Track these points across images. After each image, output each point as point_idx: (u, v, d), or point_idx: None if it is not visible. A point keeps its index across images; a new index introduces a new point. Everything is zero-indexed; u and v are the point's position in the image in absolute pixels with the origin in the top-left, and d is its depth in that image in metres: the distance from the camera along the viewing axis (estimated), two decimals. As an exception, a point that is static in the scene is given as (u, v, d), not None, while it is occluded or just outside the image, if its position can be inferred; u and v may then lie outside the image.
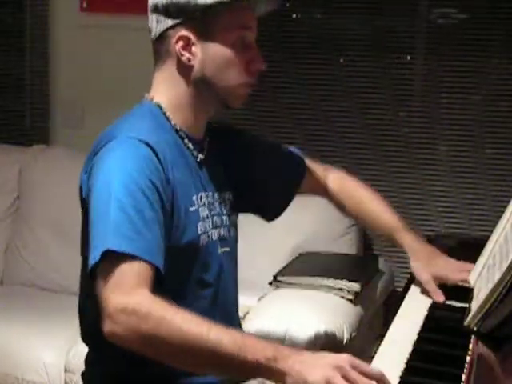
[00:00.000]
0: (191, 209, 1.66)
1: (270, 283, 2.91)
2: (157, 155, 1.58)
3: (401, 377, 1.45)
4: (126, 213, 1.49)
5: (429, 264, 1.90)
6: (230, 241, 1.79)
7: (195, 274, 1.67)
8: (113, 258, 1.45)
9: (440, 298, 1.83)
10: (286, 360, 1.36)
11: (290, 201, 2.02)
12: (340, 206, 2.09)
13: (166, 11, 1.64)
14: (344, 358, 1.36)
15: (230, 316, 1.77)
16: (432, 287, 1.86)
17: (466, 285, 1.80)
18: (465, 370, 1.46)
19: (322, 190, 2.07)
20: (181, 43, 1.65)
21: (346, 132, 3.49)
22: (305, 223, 3.20)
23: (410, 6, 3.39)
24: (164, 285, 1.50)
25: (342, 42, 3.46)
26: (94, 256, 1.46)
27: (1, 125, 3.92)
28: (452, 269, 1.88)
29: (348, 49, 3.47)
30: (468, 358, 1.50)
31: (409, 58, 3.42)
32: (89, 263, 1.48)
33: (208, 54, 1.65)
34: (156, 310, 1.41)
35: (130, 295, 1.42)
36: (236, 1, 1.63)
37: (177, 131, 1.69)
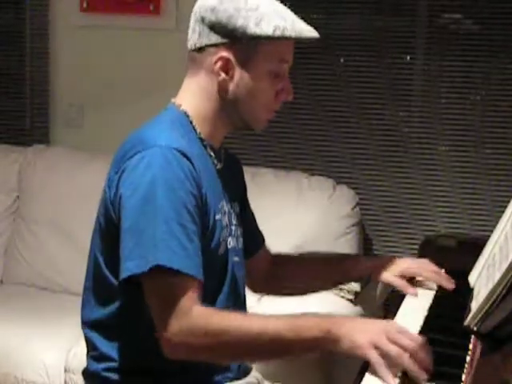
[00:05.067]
0: (217, 217, 1.69)
1: (270, 283, 2.90)
2: (193, 165, 1.61)
3: (401, 377, 1.45)
4: (171, 227, 1.53)
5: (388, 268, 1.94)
6: (239, 251, 1.82)
7: (213, 280, 1.70)
8: (162, 273, 1.52)
9: (411, 290, 1.88)
10: (339, 328, 1.48)
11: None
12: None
13: (212, 28, 1.67)
14: (391, 324, 1.51)
15: None
16: (400, 283, 1.90)
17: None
18: (465, 370, 1.46)
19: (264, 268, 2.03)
20: (220, 64, 1.67)
21: (346, 132, 3.49)
22: (305, 223, 3.20)
23: (410, 6, 3.39)
24: None
25: (341, 42, 3.46)
26: (139, 265, 1.52)
27: (1, 125, 3.92)
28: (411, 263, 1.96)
29: (348, 49, 3.47)
30: (468, 358, 1.50)
31: (409, 58, 3.43)
32: (126, 269, 1.53)
33: (243, 80, 1.68)
34: (211, 323, 1.52)
35: (186, 316, 1.52)
36: (284, 38, 1.66)
37: (201, 140, 1.72)
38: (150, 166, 1.57)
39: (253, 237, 1.98)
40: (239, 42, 1.65)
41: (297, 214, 3.24)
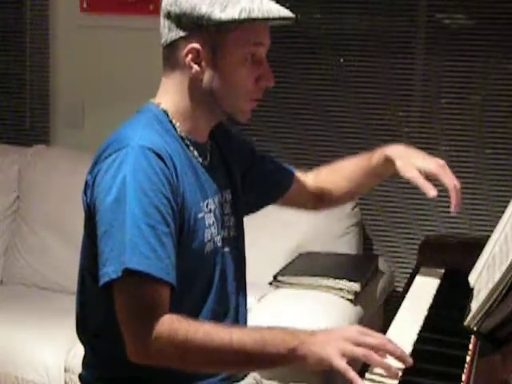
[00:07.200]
0: (199, 215, 1.66)
1: (270, 283, 2.91)
2: (167, 165, 1.58)
3: (401, 377, 1.45)
4: (141, 229, 1.51)
5: (410, 160, 1.87)
6: (234, 240, 1.80)
7: (200, 278, 1.69)
8: (131, 276, 1.50)
9: (431, 191, 1.81)
10: (303, 345, 1.49)
11: (268, 203, 2.02)
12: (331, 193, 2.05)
13: (178, 21, 1.63)
14: (352, 329, 1.51)
15: (236, 313, 1.79)
16: (420, 181, 1.83)
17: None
18: (465, 370, 1.46)
19: (309, 197, 2.04)
20: (191, 56, 1.63)
21: (346, 132, 3.49)
22: (305, 223, 3.20)
23: (410, 6, 3.39)
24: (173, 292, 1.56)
25: (341, 42, 3.46)
26: (115, 270, 1.50)
27: (1, 125, 3.92)
28: (430, 161, 1.88)
29: (348, 49, 3.47)
30: (468, 358, 1.50)
31: (409, 58, 3.42)
32: (104, 274, 1.52)
33: (217, 69, 1.64)
34: (178, 332, 1.51)
35: (152, 320, 1.51)
36: (251, 20, 1.60)
37: (182, 138, 1.68)
38: (122, 167, 1.55)
39: (279, 179, 1.96)
40: (206, 30, 1.60)
41: (297, 213, 3.23)
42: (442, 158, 3.55)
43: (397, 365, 1.46)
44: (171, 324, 1.51)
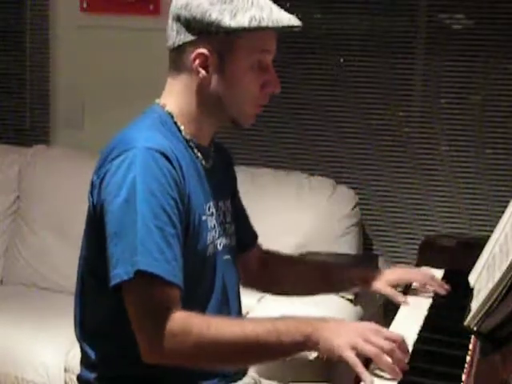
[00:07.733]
0: (203, 218, 1.68)
1: (270, 283, 2.90)
2: (174, 167, 1.59)
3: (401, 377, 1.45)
4: (151, 231, 1.52)
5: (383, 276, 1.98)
6: (232, 249, 1.81)
7: (203, 281, 1.70)
8: (141, 278, 1.51)
9: (401, 299, 1.91)
10: (317, 331, 1.50)
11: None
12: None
13: (187, 25, 1.64)
14: (367, 325, 1.52)
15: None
16: (390, 291, 1.94)
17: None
18: (465, 370, 1.46)
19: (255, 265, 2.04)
20: (198, 61, 1.64)
21: (346, 132, 3.49)
22: (305, 223, 3.20)
23: (410, 6, 3.39)
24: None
25: (342, 42, 3.47)
26: (126, 271, 1.51)
27: (1, 125, 3.92)
28: (400, 272, 2.02)
29: (348, 49, 3.47)
30: (468, 358, 1.50)
31: (409, 58, 3.42)
32: (115, 276, 1.53)
33: (224, 75, 1.65)
34: (189, 327, 1.52)
35: (164, 320, 1.51)
36: (260, 28, 1.61)
37: (187, 141, 1.70)
38: (131, 168, 1.55)
39: (244, 233, 1.96)
40: (215, 36, 1.62)
41: (297, 214, 3.24)
42: (442, 158, 3.57)
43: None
44: (183, 320, 1.52)
